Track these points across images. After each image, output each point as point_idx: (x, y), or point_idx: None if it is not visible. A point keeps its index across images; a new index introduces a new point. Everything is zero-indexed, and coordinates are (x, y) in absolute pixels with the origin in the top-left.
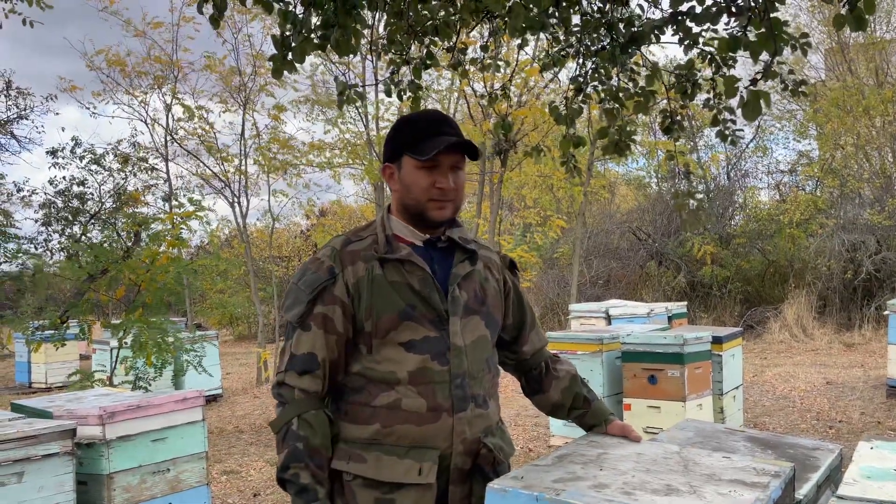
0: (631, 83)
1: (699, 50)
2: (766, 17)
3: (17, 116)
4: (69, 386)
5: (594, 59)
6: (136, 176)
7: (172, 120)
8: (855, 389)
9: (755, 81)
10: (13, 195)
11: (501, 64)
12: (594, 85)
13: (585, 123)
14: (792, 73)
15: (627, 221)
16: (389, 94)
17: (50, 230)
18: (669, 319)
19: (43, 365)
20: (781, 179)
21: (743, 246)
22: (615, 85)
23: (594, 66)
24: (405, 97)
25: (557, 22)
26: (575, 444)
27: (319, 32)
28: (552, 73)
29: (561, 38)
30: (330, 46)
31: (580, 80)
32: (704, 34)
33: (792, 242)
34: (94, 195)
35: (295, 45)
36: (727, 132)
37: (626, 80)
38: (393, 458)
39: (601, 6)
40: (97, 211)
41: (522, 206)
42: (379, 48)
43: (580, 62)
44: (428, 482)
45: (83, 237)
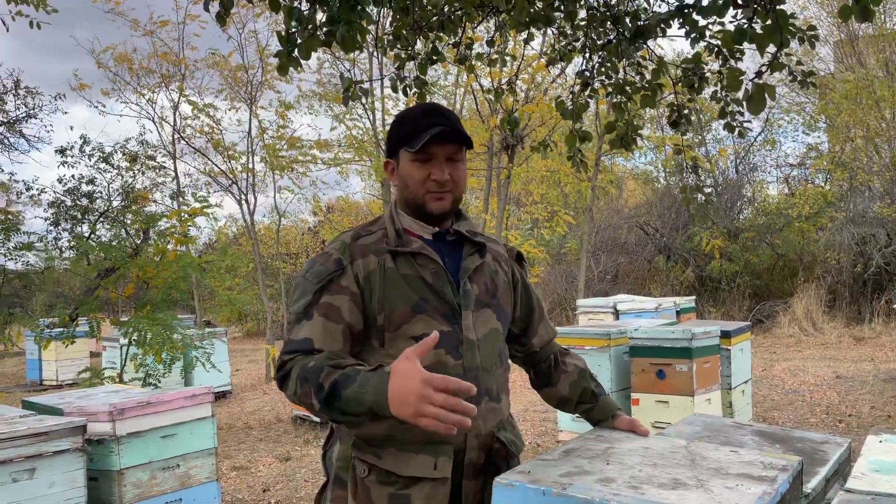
0: (638, 77)
1: (706, 43)
2: (772, 9)
3: (26, 115)
4: (79, 383)
5: (601, 53)
6: (144, 174)
7: (180, 118)
8: (865, 383)
9: (760, 74)
10: (22, 194)
11: (508, 59)
12: (601, 79)
13: (593, 118)
14: (800, 64)
15: (635, 216)
16: (395, 89)
17: (59, 229)
18: (678, 314)
19: (53, 362)
20: (790, 173)
21: (752, 240)
22: (622, 79)
23: (601, 60)
24: (411, 93)
25: (562, 16)
26: (582, 438)
27: (325, 29)
28: (559, 67)
29: (567, 32)
30: (335, 42)
31: (587, 74)
32: (711, 27)
33: (801, 236)
34: (102, 193)
35: (300, 41)
36: (735, 124)
37: (632, 73)
38: (408, 453)
39: (607, 0)
40: (106, 209)
41: (530, 201)
42: (384, 44)
43: (587, 56)
44: (443, 476)
45: (92, 235)
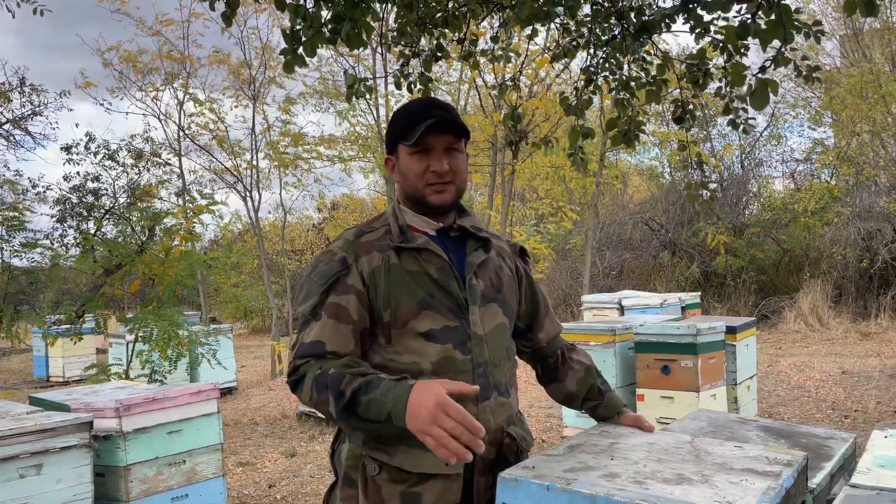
0: (642, 73)
1: (711, 38)
2: (776, 3)
3: (31, 113)
4: (86, 379)
5: (605, 49)
6: (149, 171)
7: (184, 115)
8: (871, 378)
9: (763, 69)
10: (28, 191)
11: (512, 55)
12: (605, 75)
13: (598, 114)
14: (805, 58)
15: (640, 212)
16: (399, 86)
17: (65, 226)
18: (683, 310)
19: (60, 359)
20: (796, 168)
21: (757, 235)
22: (626, 75)
23: (605, 56)
24: (415, 89)
25: (565, 11)
26: (586, 433)
27: (330, 26)
28: (563, 63)
29: (571, 28)
30: (340, 40)
31: (590, 70)
32: (716, 22)
33: (807, 231)
34: (108, 191)
35: (305, 39)
36: (739, 121)
37: (637, 69)
38: (419, 450)
39: None
40: (111, 206)
41: (534, 197)
42: (389, 41)
43: (591, 52)
44: (455, 472)
45: (97, 232)
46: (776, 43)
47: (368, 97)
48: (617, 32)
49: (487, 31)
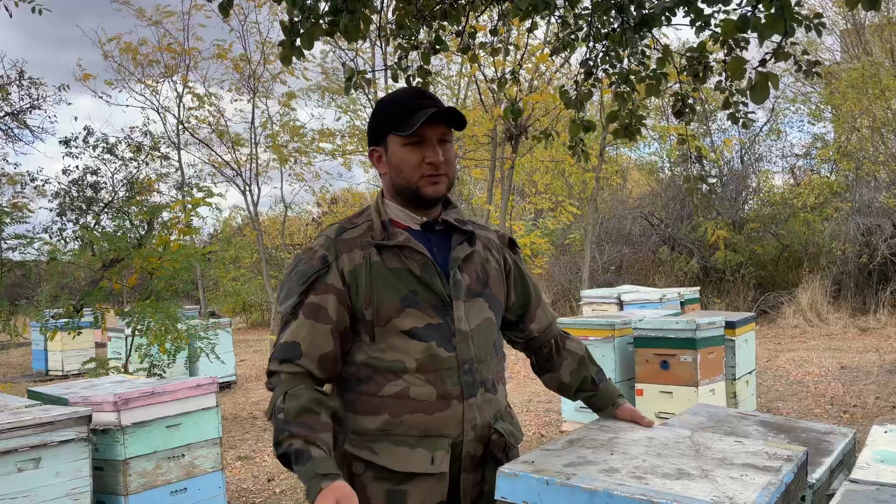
0: (642, 66)
1: (711, 32)
2: None
3: (30, 106)
4: (85, 373)
5: (605, 42)
6: (148, 165)
7: (184, 109)
8: (870, 374)
9: (763, 63)
10: (27, 185)
11: (511, 48)
12: (605, 68)
13: (598, 108)
14: (806, 53)
15: (640, 207)
16: (396, 79)
17: (64, 220)
18: (682, 305)
19: (59, 353)
20: (796, 163)
21: (757, 230)
22: (626, 68)
23: (605, 49)
24: (414, 82)
25: (565, 3)
26: (586, 428)
27: (328, 18)
28: (562, 56)
29: (570, 21)
30: (339, 32)
31: (590, 63)
32: (716, 15)
33: (806, 226)
34: (107, 184)
35: (303, 31)
36: (738, 115)
37: (636, 63)
38: (404, 448)
39: None
40: (110, 200)
41: (534, 191)
42: (388, 33)
43: (590, 45)
44: (440, 471)
45: (96, 226)
46: (776, 37)
47: (367, 90)
48: (617, 26)
49: (487, 24)
